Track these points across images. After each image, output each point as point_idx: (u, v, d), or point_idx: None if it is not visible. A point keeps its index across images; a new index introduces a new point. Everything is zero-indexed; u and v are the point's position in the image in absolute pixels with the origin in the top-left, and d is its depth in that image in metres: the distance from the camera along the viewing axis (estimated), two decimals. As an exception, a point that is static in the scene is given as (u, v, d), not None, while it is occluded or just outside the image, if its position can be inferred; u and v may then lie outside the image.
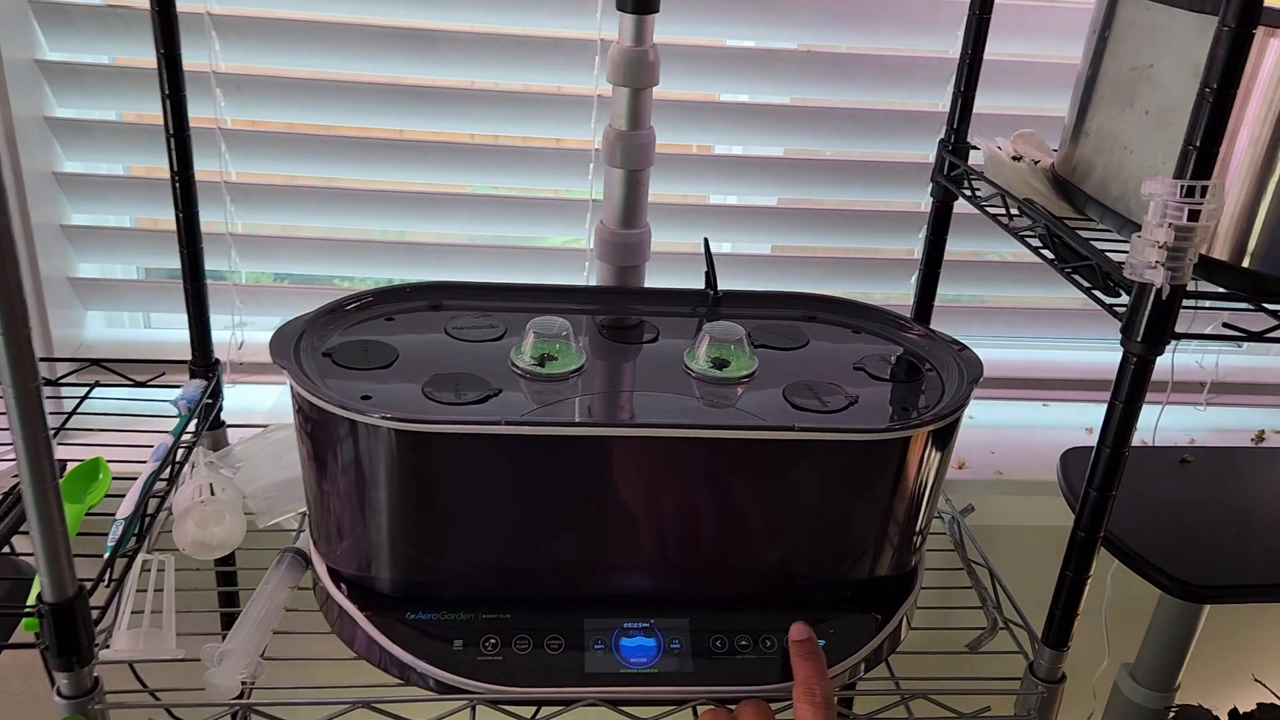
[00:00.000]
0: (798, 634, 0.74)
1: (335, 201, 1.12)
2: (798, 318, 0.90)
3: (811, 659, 0.73)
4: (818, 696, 0.70)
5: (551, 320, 0.80)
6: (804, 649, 0.73)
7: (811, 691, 0.70)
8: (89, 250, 1.13)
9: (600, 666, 0.73)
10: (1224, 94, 0.58)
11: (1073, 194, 0.84)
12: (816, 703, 0.70)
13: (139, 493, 0.78)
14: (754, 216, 1.20)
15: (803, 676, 0.72)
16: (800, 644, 0.74)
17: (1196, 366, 1.30)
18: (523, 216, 1.15)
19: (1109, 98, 0.79)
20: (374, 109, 1.08)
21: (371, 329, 0.83)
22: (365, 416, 0.68)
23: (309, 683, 0.73)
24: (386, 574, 0.75)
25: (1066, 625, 0.74)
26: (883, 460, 0.74)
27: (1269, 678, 1.05)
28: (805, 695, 0.70)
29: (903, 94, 1.15)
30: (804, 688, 0.71)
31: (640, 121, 0.86)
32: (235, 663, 0.72)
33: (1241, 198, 0.69)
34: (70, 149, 1.08)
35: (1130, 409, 0.66)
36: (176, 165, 0.87)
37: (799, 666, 0.72)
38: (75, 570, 0.65)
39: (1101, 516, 0.70)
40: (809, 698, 0.70)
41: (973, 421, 1.29)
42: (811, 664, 0.72)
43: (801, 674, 0.72)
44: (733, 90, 1.15)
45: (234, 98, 1.06)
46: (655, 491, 0.73)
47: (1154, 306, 0.63)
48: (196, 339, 0.95)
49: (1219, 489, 0.98)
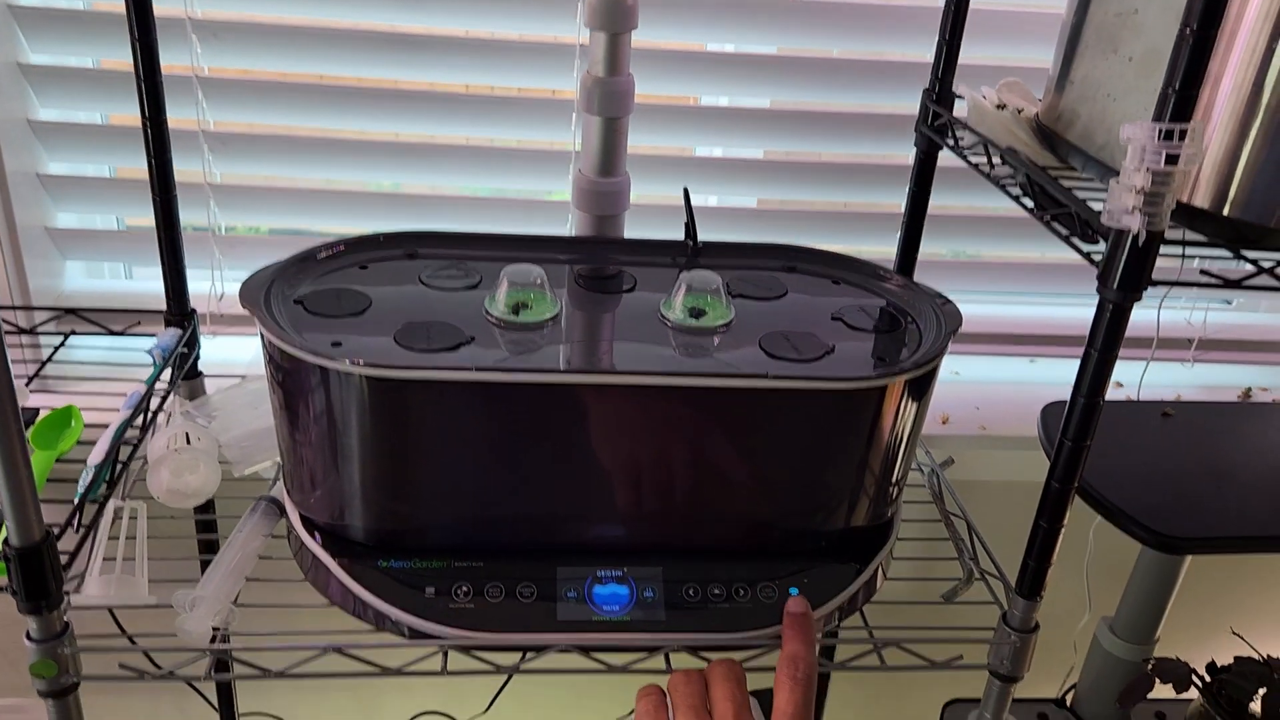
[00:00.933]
0: (795, 607, 0.73)
1: (316, 151, 1.11)
2: (778, 269, 0.89)
3: (802, 634, 0.71)
4: (799, 672, 0.69)
5: (526, 269, 0.79)
6: (798, 623, 0.72)
7: (795, 666, 0.69)
8: (67, 200, 1.12)
9: (572, 614, 0.73)
10: (1204, 35, 0.57)
11: (1057, 143, 0.83)
12: (797, 679, 0.68)
13: (110, 440, 0.78)
14: (740, 169, 1.18)
15: (790, 651, 0.70)
16: (795, 617, 0.72)
17: (1184, 323, 1.29)
18: (507, 167, 1.14)
19: (1093, 44, 0.78)
20: (355, 57, 1.07)
21: (345, 278, 0.82)
22: (334, 363, 0.68)
23: (283, 629, 0.73)
24: (359, 522, 0.75)
25: (1040, 575, 0.74)
26: (857, 410, 0.73)
27: (1247, 631, 1.05)
28: (789, 669, 0.69)
29: (893, 44, 1.13)
30: (789, 661, 0.69)
31: (619, 67, 0.84)
32: (207, 609, 0.72)
33: (1224, 144, 0.68)
34: (45, 96, 1.07)
35: (1105, 358, 0.66)
36: (148, 110, 0.86)
37: (789, 640, 0.71)
38: (42, 515, 0.65)
39: (1075, 467, 0.70)
40: (791, 672, 0.69)
41: (958, 377, 1.29)
42: (802, 640, 0.71)
43: (790, 648, 0.70)
44: (719, 40, 1.13)
45: (210, 45, 1.04)
46: (627, 440, 0.73)
47: (1130, 253, 0.62)
48: (171, 288, 0.94)
49: (1200, 443, 0.98)
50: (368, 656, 0.73)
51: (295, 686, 1.28)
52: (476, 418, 0.71)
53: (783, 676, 0.68)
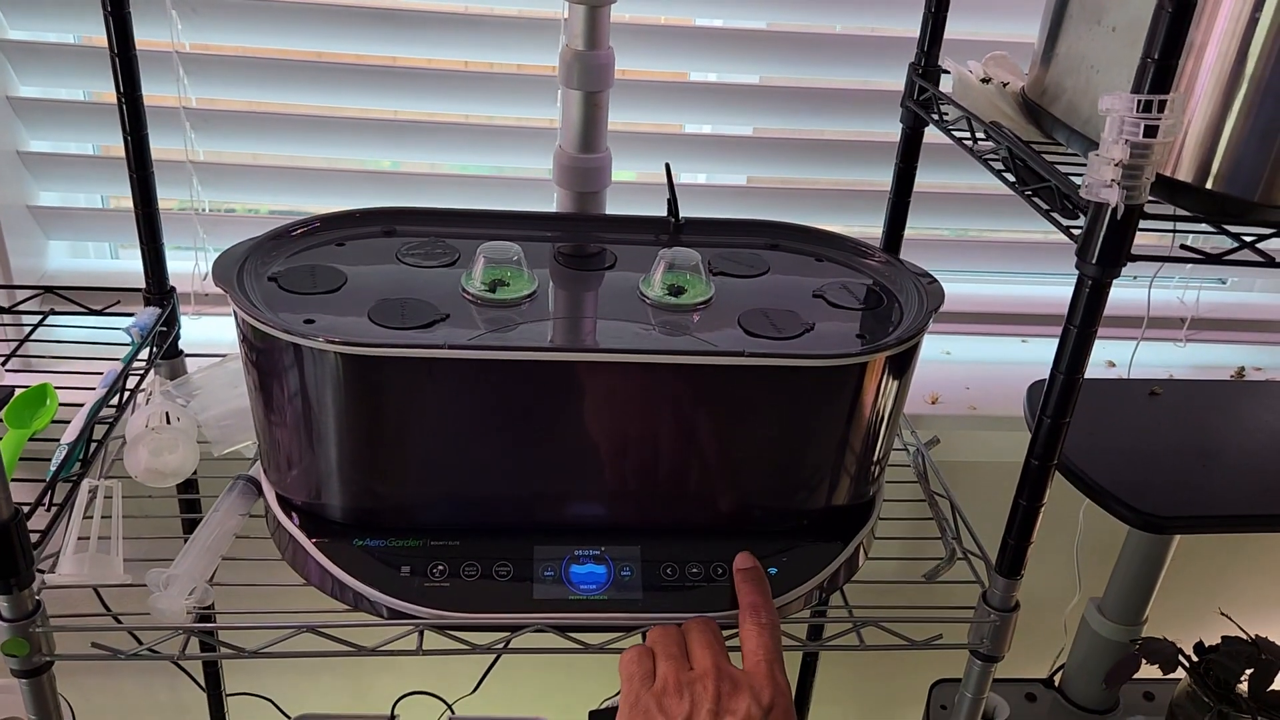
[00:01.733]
0: (743, 562, 0.74)
1: (298, 128, 1.10)
2: (760, 246, 0.88)
3: (756, 585, 0.72)
4: (763, 618, 0.70)
5: (503, 245, 0.78)
6: (749, 576, 0.73)
7: (757, 613, 0.70)
8: (49, 178, 1.11)
9: (549, 594, 0.73)
10: (1184, 4, 0.56)
11: (1042, 118, 0.82)
12: (762, 623, 0.70)
13: (84, 418, 0.77)
14: (729, 146, 1.17)
15: (748, 601, 0.71)
16: (745, 571, 0.73)
17: (1177, 302, 1.28)
18: (492, 144, 1.13)
19: (1078, 16, 0.77)
20: (336, 33, 1.06)
21: (320, 255, 0.81)
22: (306, 340, 0.67)
23: (260, 608, 0.73)
24: (335, 501, 0.74)
25: (1019, 554, 0.74)
26: (837, 387, 0.72)
27: (1235, 612, 1.04)
28: (751, 617, 0.70)
29: (882, 19, 1.11)
30: (750, 609, 0.71)
31: (598, 41, 0.83)
32: (181, 587, 0.72)
33: (1207, 116, 0.67)
34: (25, 73, 1.06)
35: (1085, 334, 0.65)
36: (123, 86, 0.85)
37: (744, 592, 0.72)
38: (11, 493, 0.64)
39: (1055, 444, 0.69)
40: (755, 618, 0.70)
41: (949, 357, 1.28)
42: (756, 589, 0.72)
43: (747, 599, 0.71)
44: (708, 15, 1.12)
45: (191, 20, 1.03)
46: (603, 417, 0.72)
47: (1109, 227, 0.61)
48: (150, 266, 0.93)
49: (1186, 422, 0.97)
50: (344, 636, 0.72)
51: (283, 668, 1.28)
52: (451, 395, 0.70)
53: (748, 624, 0.69)
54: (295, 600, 0.74)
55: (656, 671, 0.67)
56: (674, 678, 0.66)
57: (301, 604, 0.73)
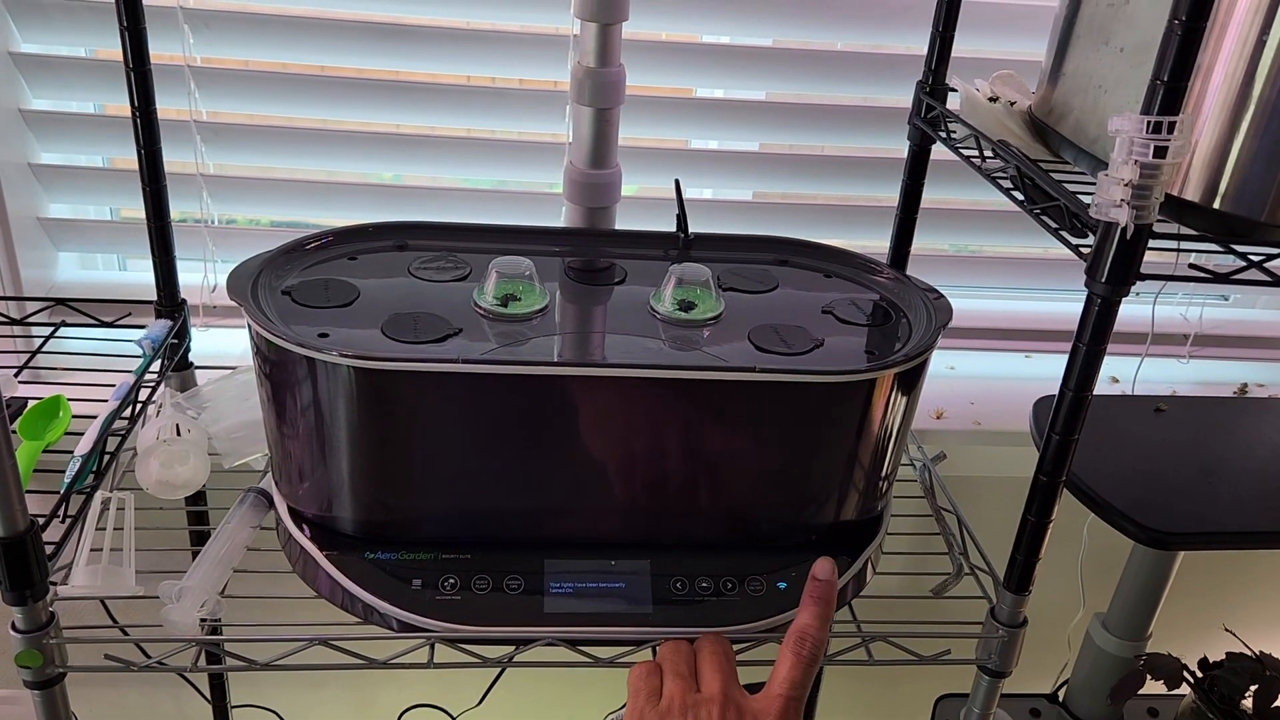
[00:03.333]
0: (821, 572, 0.70)
1: (309, 142, 1.11)
2: (769, 261, 0.89)
3: (820, 607, 0.69)
4: (805, 650, 0.67)
5: (515, 260, 0.79)
6: (819, 591, 0.70)
7: (802, 643, 0.68)
8: (59, 190, 1.12)
9: (560, 607, 0.73)
10: (1193, 26, 0.57)
11: (1049, 136, 0.82)
12: (802, 655, 0.67)
13: (98, 431, 0.78)
14: (736, 161, 1.18)
15: (801, 623, 0.68)
16: (818, 584, 0.70)
17: (1180, 318, 1.29)
18: (502, 158, 1.13)
19: (1085, 36, 0.78)
20: (348, 48, 1.06)
21: (334, 268, 0.82)
22: (320, 353, 0.67)
23: (271, 621, 0.73)
24: (346, 514, 0.75)
25: (1028, 570, 0.74)
26: (846, 403, 0.73)
27: (1240, 627, 1.05)
28: (795, 644, 0.68)
29: (888, 37, 1.12)
30: (797, 635, 0.68)
31: (609, 58, 0.84)
32: (193, 599, 0.72)
33: (1215, 136, 0.67)
34: (37, 85, 1.06)
35: (1094, 351, 0.65)
36: (137, 100, 0.86)
37: (804, 609, 0.69)
38: (27, 505, 0.64)
39: (1063, 461, 0.69)
40: (797, 648, 0.67)
41: (954, 372, 1.29)
42: (817, 614, 0.69)
43: (802, 619, 0.69)
44: (715, 31, 1.13)
45: (202, 34, 1.04)
46: (614, 432, 0.72)
47: (1118, 246, 0.62)
48: (162, 279, 0.94)
49: (1191, 438, 0.98)
50: (355, 649, 0.72)
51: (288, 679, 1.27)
52: (463, 410, 0.70)
53: (787, 650, 0.67)
54: (305, 612, 0.74)
55: (663, 690, 0.67)
56: (680, 699, 0.66)
57: (311, 616, 0.74)
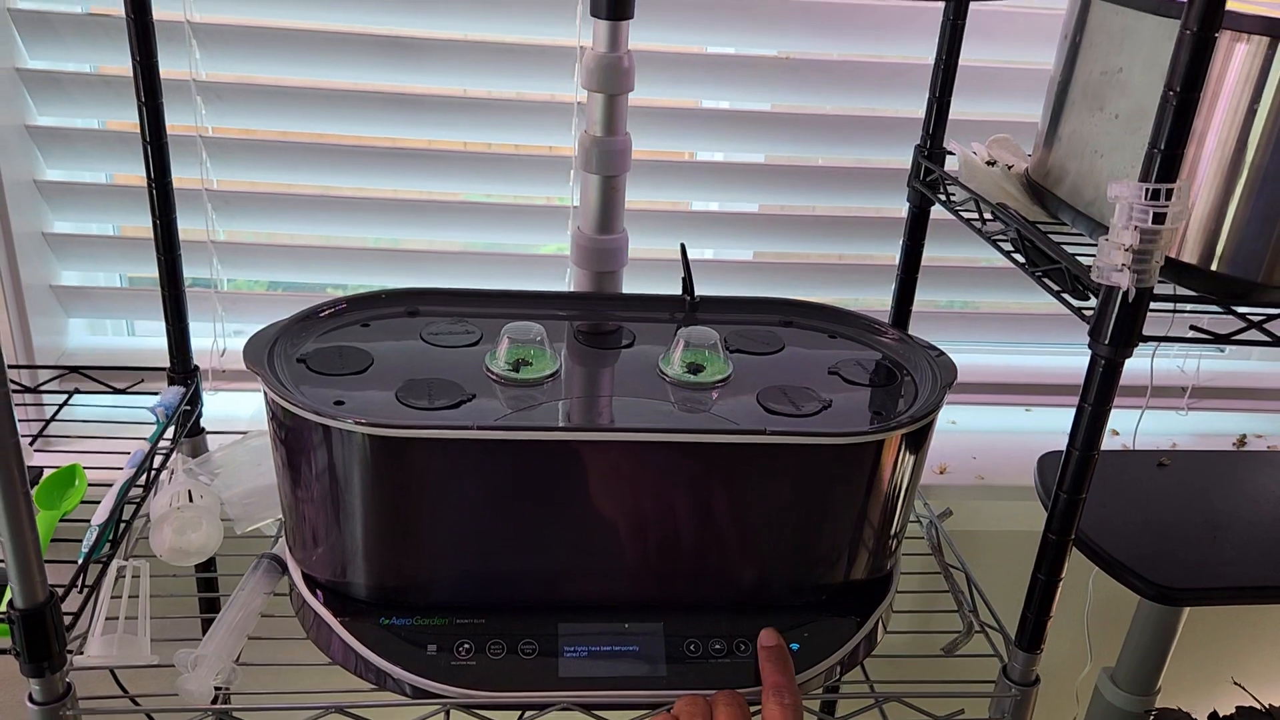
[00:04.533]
0: (767, 640, 0.74)
1: (317, 208, 1.13)
2: (774, 323, 0.90)
3: (780, 664, 0.73)
4: (787, 699, 0.71)
5: (526, 325, 0.80)
6: (773, 654, 0.74)
7: (782, 693, 0.71)
8: (71, 258, 1.13)
9: (574, 671, 0.73)
10: (1187, 97, 0.58)
11: (1046, 199, 0.84)
12: (786, 704, 0.70)
13: (114, 499, 0.78)
14: (736, 223, 1.20)
15: (772, 681, 0.72)
16: (770, 649, 0.74)
17: (1178, 371, 1.30)
18: (505, 222, 1.15)
19: (1080, 102, 0.80)
20: (355, 116, 1.09)
21: (347, 335, 0.83)
22: (337, 421, 0.68)
23: (284, 688, 0.73)
24: (360, 579, 0.75)
25: (1039, 628, 0.74)
26: (855, 464, 0.74)
27: (1249, 681, 1.05)
28: (775, 698, 0.71)
29: (884, 100, 1.15)
30: (774, 691, 0.71)
31: (615, 128, 0.86)
32: (209, 668, 0.72)
33: (1210, 201, 0.69)
34: (51, 157, 1.08)
35: (1099, 411, 0.67)
36: (154, 173, 0.88)
37: (768, 672, 0.73)
38: (47, 576, 0.65)
39: (1072, 519, 0.70)
40: (779, 699, 0.71)
41: (956, 426, 1.29)
42: (780, 669, 0.73)
43: (771, 679, 0.72)
44: (714, 97, 1.15)
45: (215, 105, 1.06)
46: (627, 496, 0.73)
47: (1121, 309, 0.63)
48: (175, 346, 0.95)
49: (1195, 492, 0.99)
50: (370, 716, 0.72)
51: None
52: (478, 475, 0.71)
53: (771, 705, 0.70)
54: (319, 679, 0.74)
55: None
56: None
57: (325, 683, 0.74)
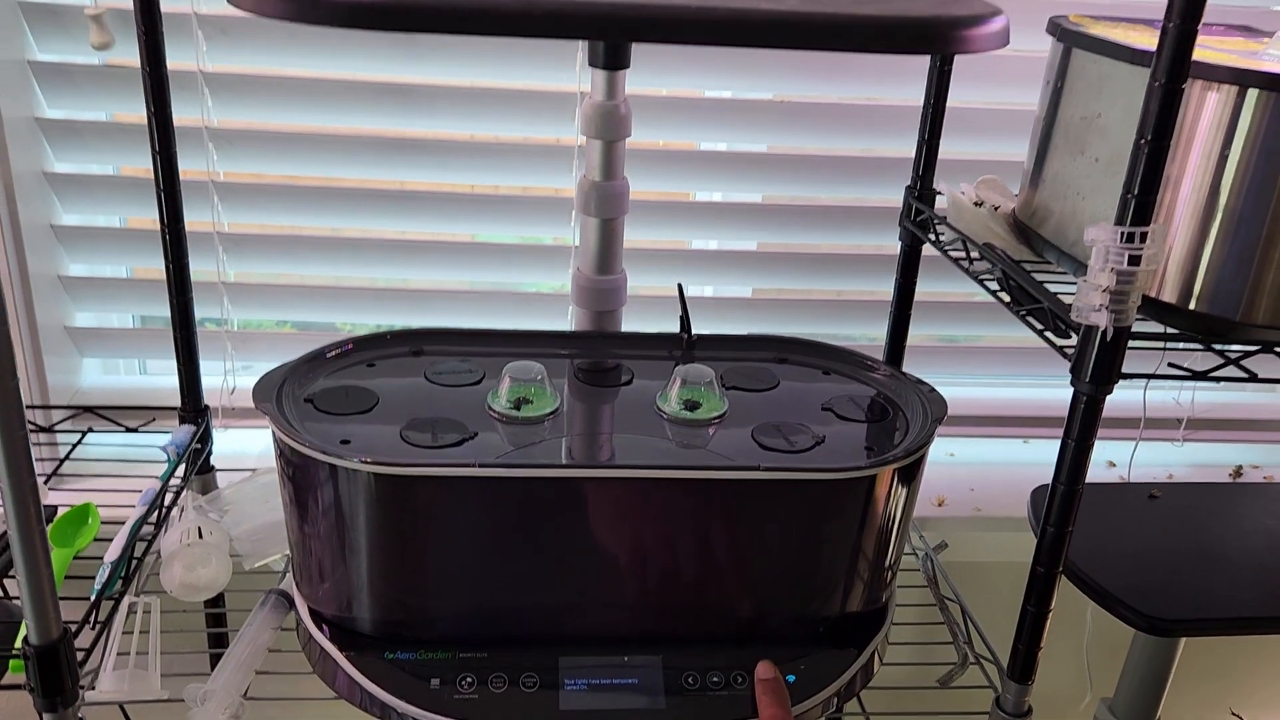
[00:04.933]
0: (764, 673, 0.76)
1: (326, 250, 1.16)
2: (769, 359, 0.93)
3: (777, 697, 0.75)
4: None
5: (527, 365, 0.82)
6: (769, 687, 0.75)
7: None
8: (85, 299, 1.16)
9: (574, 704, 0.75)
10: (1159, 145, 0.61)
11: (1032, 238, 0.87)
12: None
13: (126, 536, 0.80)
14: (735, 261, 1.23)
15: (769, 714, 0.74)
16: (766, 683, 0.75)
17: (1173, 403, 1.32)
18: (508, 262, 1.18)
19: (1062, 146, 0.82)
20: (362, 160, 1.12)
21: (353, 375, 0.85)
22: (343, 460, 0.71)
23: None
24: (366, 614, 0.77)
25: (1030, 659, 0.76)
26: (848, 499, 0.76)
27: (1247, 711, 1.06)
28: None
29: (876, 141, 1.18)
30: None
31: (613, 172, 0.89)
32: (218, 703, 0.74)
33: (1187, 243, 0.71)
34: (67, 201, 1.12)
35: (1082, 446, 0.69)
36: (167, 219, 0.91)
37: (764, 705, 0.74)
38: (61, 613, 0.67)
39: (1060, 551, 0.72)
40: None
41: (953, 459, 1.31)
42: (777, 702, 0.74)
43: (767, 712, 0.74)
44: (712, 139, 1.18)
45: (226, 151, 1.10)
46: (626, 531, 0.75)
47: (1100, 347, 0.65)
48: (186, 387, 0.97)
49: (1186, 524, 1.00)
50: (375, 748, 0.74)
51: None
52: (481, 512, 0.73)
53: None
54: (320, 713, 0.76)
55: None
56: None
57: (330, 717, 0.75)
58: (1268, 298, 0.70)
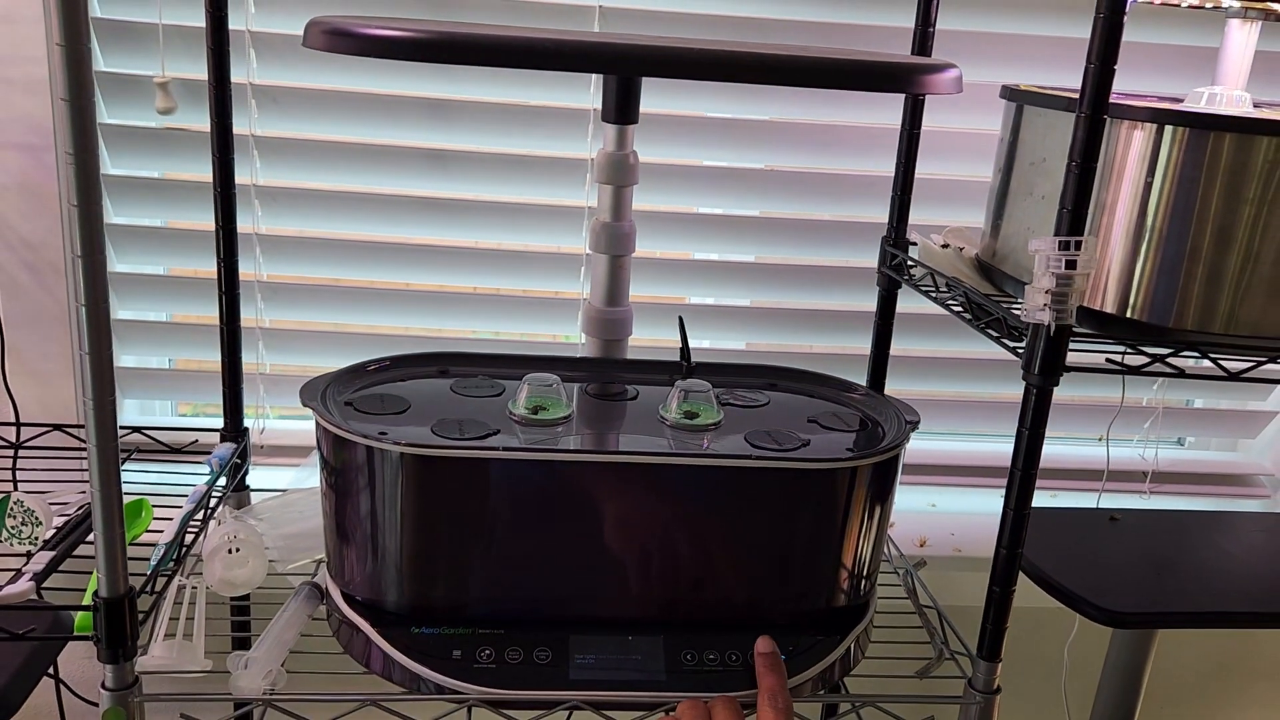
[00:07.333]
0: (764, 647, 0.83)
1: (361, 300, 1.27)
2: (761, 385, 1.02)
3: (775, 670, 0.82)
4: (780, 702, 0.79)
5: (545, 376, 0.92)
6: (768, 661, 0.82)
7: (775, 697, 0.79)
8: (131, 343, 1.26)
9: (583, 675, 0.82)
10: (1086, 166, 0.73)
11: (994, 275, 0.98)
12: (779, 708, 0.79)
13: (179, 523, 0.89)
14: (729, 315, 1.34)
15: (767, 685, 0.81)
16: (765, 656, 0.83)
17: (1139, 458, 1.41)
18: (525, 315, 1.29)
19: (1017, 190, 0.94)
20: (395, 219, 1.24)
21: (387, 386, 0.95)
22: (380, 443, 0.80)
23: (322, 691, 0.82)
24: (394, 594, 0.85)
25: (997, 638, 0.84)
26: (830, 489, 0.85)
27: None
28: (769, 701, 0.79)
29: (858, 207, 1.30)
30: (768, 694, 0.80)
31: (622, 214, 1.00)
32: (259, 668, 0.81)
33: (1122, 260, 0.82)
34: (122, 250, 1.23)
35: (1035, 434, 0.78)
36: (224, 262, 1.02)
37: (763, 676, 0.81)
38: (128, 572, 0.75)
39: (1020, 534, 0.81)
40: (772, 703, 0.79)
41: (936, 509, 1.39)
42: (775, 675, 0.81)
43: (766, 683, 0.81)
44: (709, 204, 1.31)
45: (270, 208, 1.21)
46: (631, 520, 0.84)
47: (1045, 344, 0.76)
48: (229, 408, 1.07)
49: (1143, 541, 1.09)
50: (400, 710, 0.81)
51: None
52: (501, 498, 0.82)
53: (765, 708, 0.78)
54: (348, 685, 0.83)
55: None
56: None
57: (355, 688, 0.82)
58: (1193, 306, 0.80)
